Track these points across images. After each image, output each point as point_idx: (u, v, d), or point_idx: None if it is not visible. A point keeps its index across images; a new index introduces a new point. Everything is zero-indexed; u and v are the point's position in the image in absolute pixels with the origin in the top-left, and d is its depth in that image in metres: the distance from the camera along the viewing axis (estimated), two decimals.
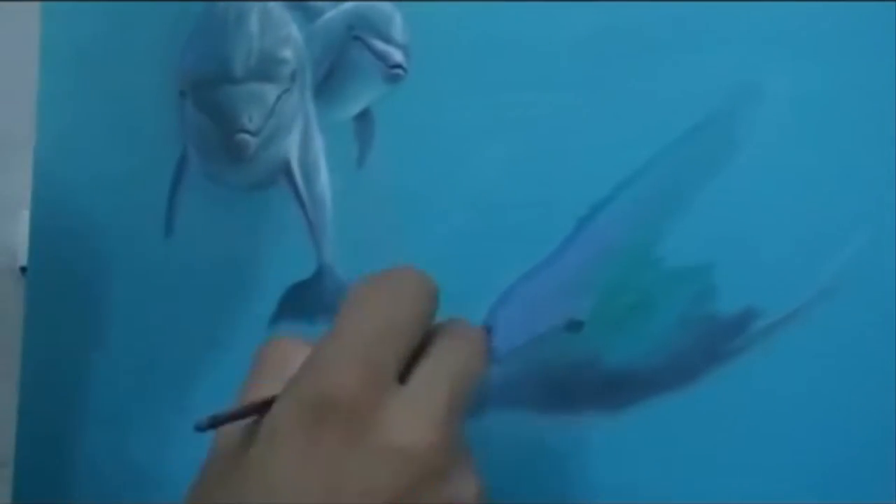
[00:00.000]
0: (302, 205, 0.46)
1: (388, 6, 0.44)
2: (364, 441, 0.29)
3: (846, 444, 0.33)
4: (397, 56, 0.43)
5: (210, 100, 0.48)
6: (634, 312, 0.37)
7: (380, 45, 0.44)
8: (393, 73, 0.44)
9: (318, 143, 0.46)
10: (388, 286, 0.32)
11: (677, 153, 0.36)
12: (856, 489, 0.33)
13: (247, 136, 0.46)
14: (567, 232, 0.38)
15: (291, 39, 0.47)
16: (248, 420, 0.31)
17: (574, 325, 0.38)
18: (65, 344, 0.54)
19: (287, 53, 0.47)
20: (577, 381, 0.38)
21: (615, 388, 0.37)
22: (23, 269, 0.66)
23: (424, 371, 0.31)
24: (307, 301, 0.45)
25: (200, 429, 0.30)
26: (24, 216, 0.59)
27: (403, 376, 0.31)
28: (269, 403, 0.31)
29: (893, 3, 0.33)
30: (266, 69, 0.47)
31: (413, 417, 0.29)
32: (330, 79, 0.46)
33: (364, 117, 0.44)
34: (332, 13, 0.46)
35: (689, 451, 0.35)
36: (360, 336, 0.31)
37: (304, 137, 0.46)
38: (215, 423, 0.30)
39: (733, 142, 0.35)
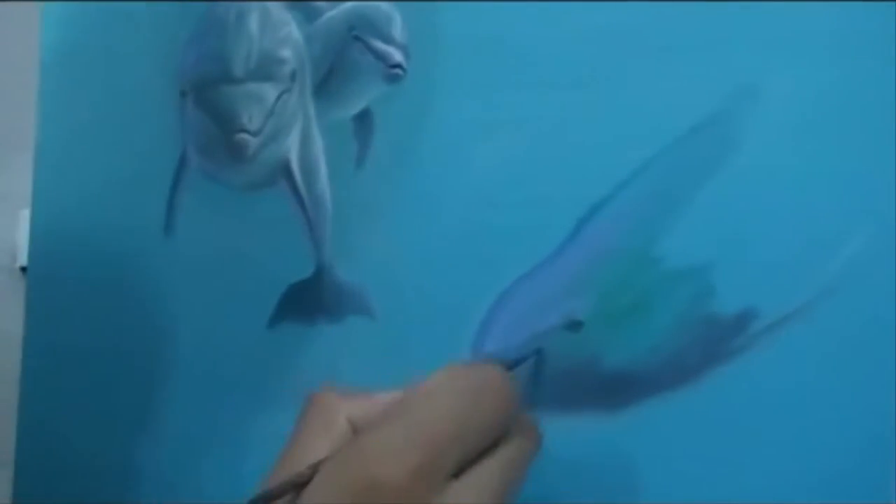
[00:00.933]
0: (302, 205, 0.46)
1: (388, 6, 0.44)
2: None
3: (846, 443, 0.33)
4: (397, 56, 0.43)
5: (210, 100, 0.48)
6: (634, 312, 0.37)
7: (380, 45, 0.44)
8: (393, 73, 0.43)
9: (318, 143, 0.46)
10: (469, 383, 0.31)
11: (677, 153, 0.36)
12: (856, 489, 0.33)
13: (247, 136, 0.46)
14: (566, 232, 0.38)
15: (291, 39, 0.47)
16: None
17: (573, 325, 0.38)
18: (65, 344, 0.54)
19: (287, 53, 0.47)
20: (577, 381, 0.38)
21: (615, 388, 0.37)
22: (23, 269, 0.66)
23: (484, 476, 0.30)
24: (307, 301, 0.45)
25: None
26: (24, 216, 0.59)
27: (457, 474, 0.30)
28: (311, 471, 0.30)
29: (893, 3, 0.33)
30: (266, 69, 0.47)
31: None
32: (330, 79, 0.46)
33: (364, 117, 0.44)
34: (332, 13, 0.46)
35: (688, 450, 0.35)
36: (428, 426, 0.29)
37: (304, 137, 0.46)
38: (266, 499, 0.29)
39: (732, 142, 0.35)
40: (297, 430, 0.33)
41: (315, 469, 0.30)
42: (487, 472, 0.30)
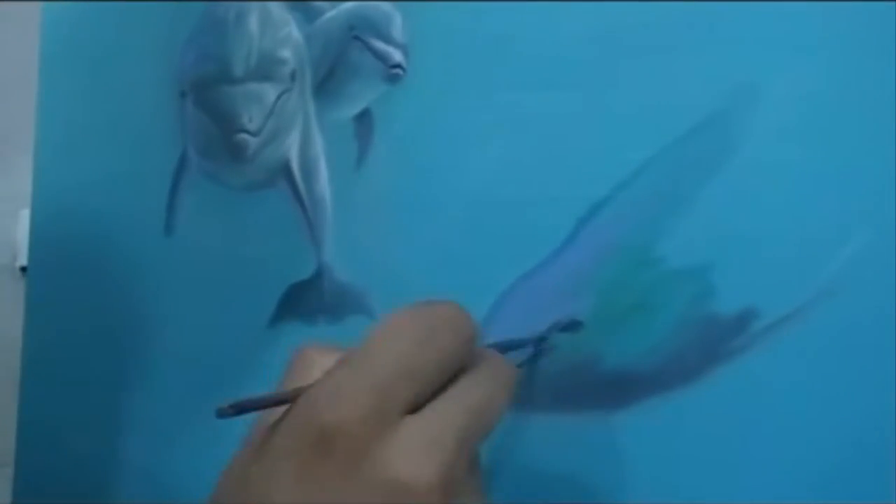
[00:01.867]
0: (302, 205, 0.46)
1: (388, 6, 0.44)
2: (360, 473, 0.28)
3: (846, 443, 0.33)
4: (397, 56, 0.43)
5: (210, 100, 0.48)
6: (634, 312, 0.37)
7: (380, 45, 0.44)
8: (393, 73, 0.43)
9: (318, 143, 0.46)
10: (420, 321, 0.31)
11: (677, 153, 0.36)
12: (856, 489, 0.33)
13: (247, 136, 0.46)
14: (567, 232, 0.38)
15: (291, 39, 0.47)
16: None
17: (573, 325, 0.38)
18: (65, 344, 0.54)
19: (287, 53, 0.47)
20: (577, 381, 0.38)
21: (615, 388, 0.37)
22: (23, 269, 0.66)
23: (438, 405, 0.30)
24: (307, 301, 0.45)
25: (222, 415, 0.29)
26: (24, 216, 0.59)
27: (416, 410, 0.30)
28: (294, 397, 0.30)
29: (893, 3, 0.33)
30: (266, 69, 0.47)
31: (416, 453, 0.28)
32: (330, 79, 0.46)
33: (364, 117, 0.44)
34: (332, 13, 0.46)
35: (688, 450, 0.35)
36: (376, 369, 0.29)
37: (303, 137, 0.46)
38: (236, 409, 0.29)
39: (732, 142, 0.35)
40: (279, 385, 0.33)
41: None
42: (443, 405, 0.30)
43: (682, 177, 0.36)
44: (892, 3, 0.33)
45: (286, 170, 0.46)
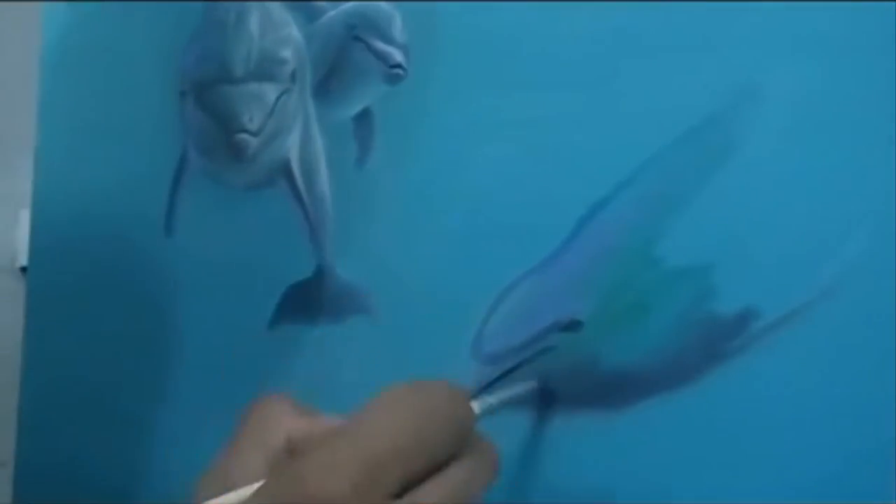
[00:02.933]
0: (302, 205, 0.46)
1: (388, 6, 0.44)
2: None
3: (846, 443, 0.33)
4: (397, 56, 0.43)
5: (210, 100, 0.48)
6: (634, 312, 0.37)
7: (380, 45, 0.44)
8: (393, 73, 0.43)
9: (318, 143, 0.46)
10: (419, 401, 0.30)
11: (677, 153, 0.36)
12: (856, 489, 0.33)
13: (247, 136, 0.46)
14: (567, 232, 0.38)
15: (291, 39, 0.47)
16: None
17: (573, 325, 0.38)
18: (65, 344, 0.54)
19: (287, 53, 0.47)
20: (577, 381, 0.38)
21: (615, 388, 0.37)
22: (23, 269, 0.66)
23: (424, 490, 0.29)
24: (307, 301, 0.45)
25: None
26: (24, 216, 0.59)
27: (402, 494, 0.29)
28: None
29: (893, 3, 0.33)
30: (266, 69, 0.47)
31: None
32: (330, 79, 0.46)
33: (364, 117, 0.44)
34: (333, 13, 0.46)
35: (688, 450, 0.35)
36: (371, 445, 0.29)
37: (304, 137, 0.46)
38: None
39: (733, 142, 0.35)
40: (235, 438, 0.32)
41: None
42: (431, 493, 0.29)
43: (683, 177, 0.36)
44: (892, 3, 0.33)
45: (286, 170, 0.46)
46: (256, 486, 0.29)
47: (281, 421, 0.32)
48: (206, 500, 0.30)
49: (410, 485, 0.29)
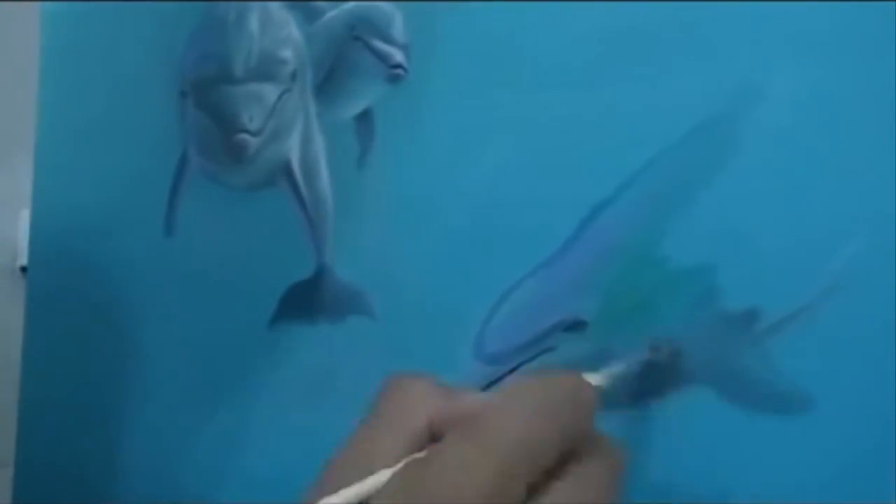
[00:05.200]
0: (302, 205, 0.46)
1: (388, 6, 0.44)
2: None
3: (846, 443, 0.33)
4: (397, 56, 0.43)
5: (210, 100, 0.48)
6: (637, 313, 0.37)
7: (380, 45, 0.44)
8: (393, 73, 0.43)
9: (319, 143, 0.46)
10: (544, 394, 0.29)
11: (679, 153, 0.36)
12: (856, 489, 0.33)
13: (247, 137, 0.46)
14: (569, 232, 0.38)
15: (291, 39, 0.47)
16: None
17: (577, 326, 0.38)
18: (65, 344, 0.54)
19: (287, 53, 0.47)
20: None
21: (617, 389, 0.37)
22: (23, 269, 0.66)
23: (554, 497, 0.28)
24: (307, 301, 0.45)
25: None
26: (24, 216, 0.59)
27: (531, 492, 0.28)
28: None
29: (893, 3, 0.33)
30: (266, 69, 0.47)
31: None
32: (330, 79, 0.46)
33: (364, 117, 0.44)
34: (333, 13, 0.46)
35: (689, 450, 0.35)
36: (501, 445, 0.28)
37: (304, 137, 0.46)
38: None
39: (735, 142, 0.35)
40: (372, 419, 0.31)
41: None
42: (564, 496, 0.29)
43: (685, 177, 0.36)
44: (893, 3, 0.33)
45: (287, 170, 0.46)
46: (389, 472, 0.29)
47: (423, 401, 0.31)
48: (342, 485, 0.29)
49: (539, 476, 0.28)
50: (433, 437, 0.30)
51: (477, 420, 0.29)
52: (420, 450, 0.30)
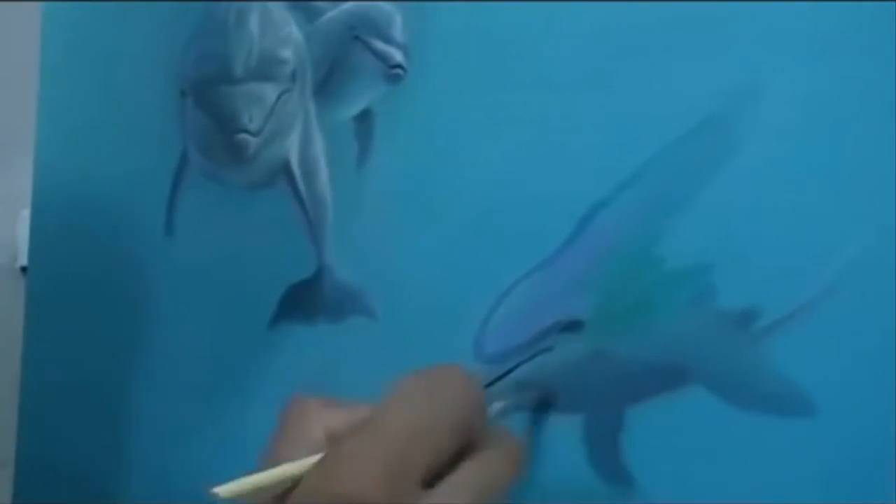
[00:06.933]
0: (302, 205, 0.46)
1: (388, 6, 0.44)
2: None
3: (846, 443, 0.33)
4: (397, 56, 0.43)
5: (210, 100, 0.48)
6: (635, 312, 0.37)
7: (380, 45, 0.44)
8: (393, 73, 0.43)
9: (318, 143, 0.46)
10: (430, 384, 0.31)
11: (678, 153, 0.36)
12: (856, 489, 0.33)
13: (247, 136, 0.46)
14: (567, 232, 0.38)
15: (291, 39, 0.47)
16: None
17: (574, 325, 0.38)
18: (65, 344, 0.54)
19: (287, 53, 0.47)
20: (578, 381, 0.38)
21: (615, 389, 0.37)
22: (23, 269, 0.66)
23: (451, 483, 0.30)
24: (307, 301, 0.45)
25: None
26: (24, 216, 0.59)
27: (433, 482, 0.30)
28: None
29: (893, 3, 0.33)
30: (266, 69, 0.47)
31: None
32: (330, 79, 0.46)
33: (364, 117, 0.44)
34: (333, 13, 0.46)
35: (688, 450, 0.35)
36: (389, 436, 0.29)
37: (304, 137, 0.46)
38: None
39: (733, 142, 0.35)
40: (275, 438, 0.33)
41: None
42: (454, 486, 0.30)
43: (683, 177, 0.36)
44: (892, 3, 0.33)
45: (286, 170, 0.46)
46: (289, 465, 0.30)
47: (318, 414, 0.33)
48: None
49: (439, 466, 0.30)
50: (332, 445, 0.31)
51: (368, 420, 0.30)
52: None
